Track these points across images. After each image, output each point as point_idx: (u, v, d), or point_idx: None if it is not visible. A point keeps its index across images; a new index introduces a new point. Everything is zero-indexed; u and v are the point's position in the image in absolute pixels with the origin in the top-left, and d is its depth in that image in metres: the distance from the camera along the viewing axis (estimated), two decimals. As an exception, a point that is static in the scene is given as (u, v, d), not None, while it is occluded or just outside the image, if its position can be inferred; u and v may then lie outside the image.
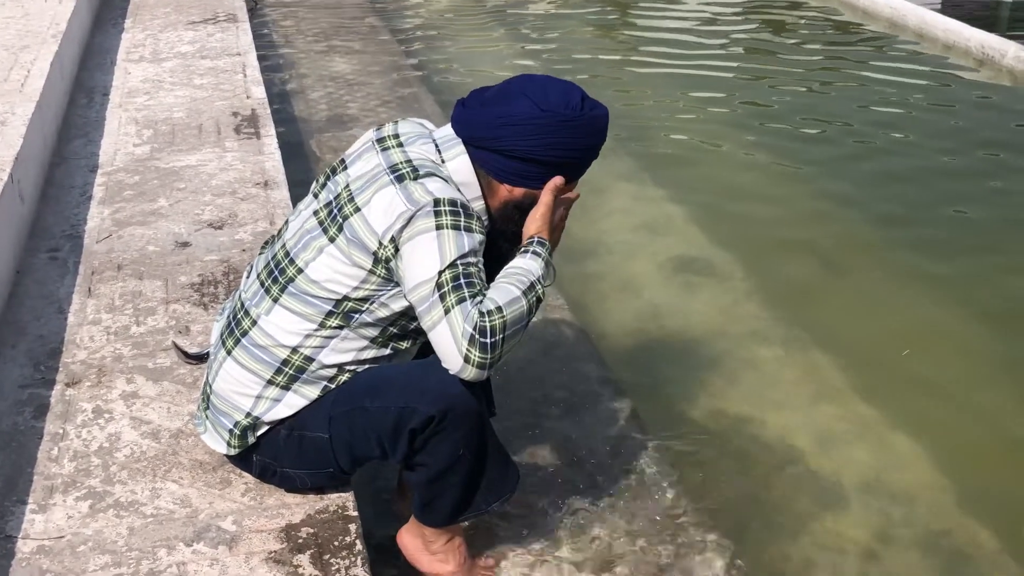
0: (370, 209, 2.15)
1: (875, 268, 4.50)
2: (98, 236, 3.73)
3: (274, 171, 4.35)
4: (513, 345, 2.12)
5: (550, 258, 2.25)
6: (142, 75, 5.65)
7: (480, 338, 2.05)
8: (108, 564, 2.24)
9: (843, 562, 2.82)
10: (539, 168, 2.23)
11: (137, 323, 3.17)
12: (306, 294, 2.23)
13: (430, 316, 2.09)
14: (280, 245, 2.33)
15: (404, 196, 2.13)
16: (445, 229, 2.10)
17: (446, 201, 2.12)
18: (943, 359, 3.82)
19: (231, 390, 2.32)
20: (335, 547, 2.31)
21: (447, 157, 2.24)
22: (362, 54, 7.39)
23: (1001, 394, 3.62)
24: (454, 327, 2.06)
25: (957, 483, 3.14)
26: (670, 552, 2.72)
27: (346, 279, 2.19)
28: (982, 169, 5.65)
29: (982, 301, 4.22)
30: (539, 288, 2.17)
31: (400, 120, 2.39)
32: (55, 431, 2.68)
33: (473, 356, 2.06)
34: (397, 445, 2.21)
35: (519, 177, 2.24)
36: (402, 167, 2.19)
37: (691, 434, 3.32)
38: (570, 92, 2.23)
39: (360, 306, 2.22)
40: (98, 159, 4.45)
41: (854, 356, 3.78)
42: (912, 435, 3.34)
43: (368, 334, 2.26)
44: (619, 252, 4.49)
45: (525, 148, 2.19)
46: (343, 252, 2.18)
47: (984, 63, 7.52)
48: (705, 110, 6.60)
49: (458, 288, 2.08)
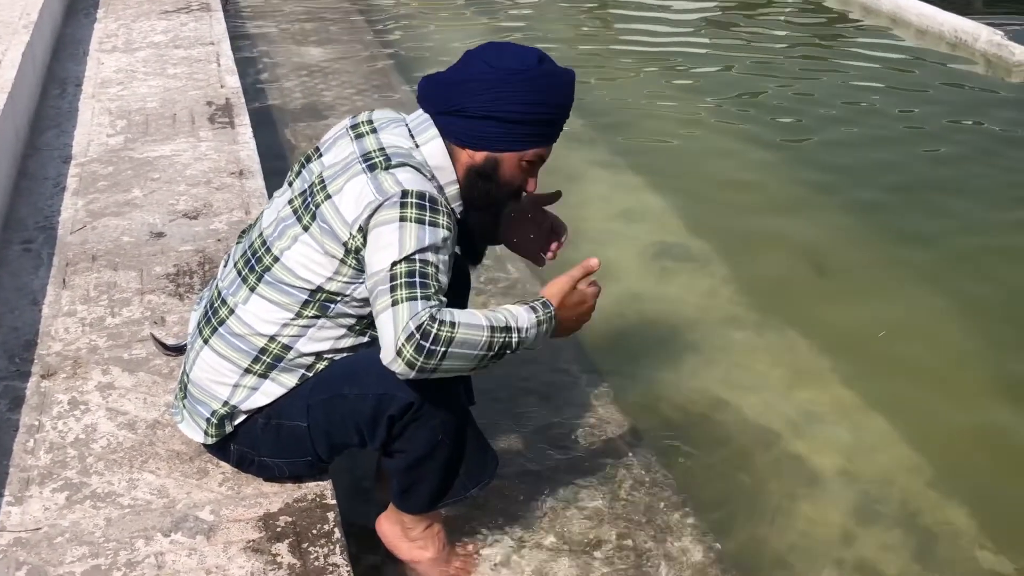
0: (342, 198, 2.15)
1: (851, 252, 4.53)
2: (72, 227, 3.71)
3: (249, 160, 4.33)
4: (456, 369, 2.04)
5: (549, 325, 2.16)
6: (115, 65, 5.61)
7: (420, 340, 1.97)
8: (86, 555, 2.23)
9: (820, 543, 2.84)
10: (498, 127, 2.18)
11: (112, 314, 3.16)
12: (282, 283, 2.22)
13: (378, 304, 2.04)
14: (257, 234, 2.32)
15: (374, 186, 2.11)
16: (408, 222, 2.07)
17: (414, 193, 2.10)
18: (918, 341, 3.85)
19: (208, 379, 2.31)
20: (313, 535, 2.31)
21: (420, 141, 2.24)
22: (337, 42, 7.36)
23: (975, 375, 3.66)
24: (397, 320, 1.99)
25: (932, 464, 3.17)
26: (649, 536, 2.73)
27: (320, 268, 2.19)
28: (957, 153, 5.69)
29: (958, 284, 4.25)
30: (514, 336, 2.08)
31: (376, 109, 2.38)
32: (31, 423, 2.67)
33: (406, 353, 1.97)
34: (375, 432, 2.21)
35: (478, 138, 2.21)
36: (375, 155, 2.17)
37: (669, 419, 3.33)
38: (526, 51, 2.21)
39: (335, 296, 2.21)
40: (71, 150, 4.42)
41: (830, 340, 3.80)
42: (887, 417, 3.37)
43: (345, 323, 2.26)
44: (597, 239, 4.49)
45: (479, 105, 2.17)
46: (316, 241, 2.18)
47: (957, 47, 7.56)
48: (682, 97, 6.60)
49: (411, 285, 2.02)
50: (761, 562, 2.78)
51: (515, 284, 3.88)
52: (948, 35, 7.70)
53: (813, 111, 6.35)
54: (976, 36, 7.45)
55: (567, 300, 2.21)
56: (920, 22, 8.00)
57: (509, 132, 2.20)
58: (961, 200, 5.08)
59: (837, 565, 2.76)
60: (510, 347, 2.09)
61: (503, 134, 2.20)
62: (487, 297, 3.80)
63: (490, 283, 3.91)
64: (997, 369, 3.68)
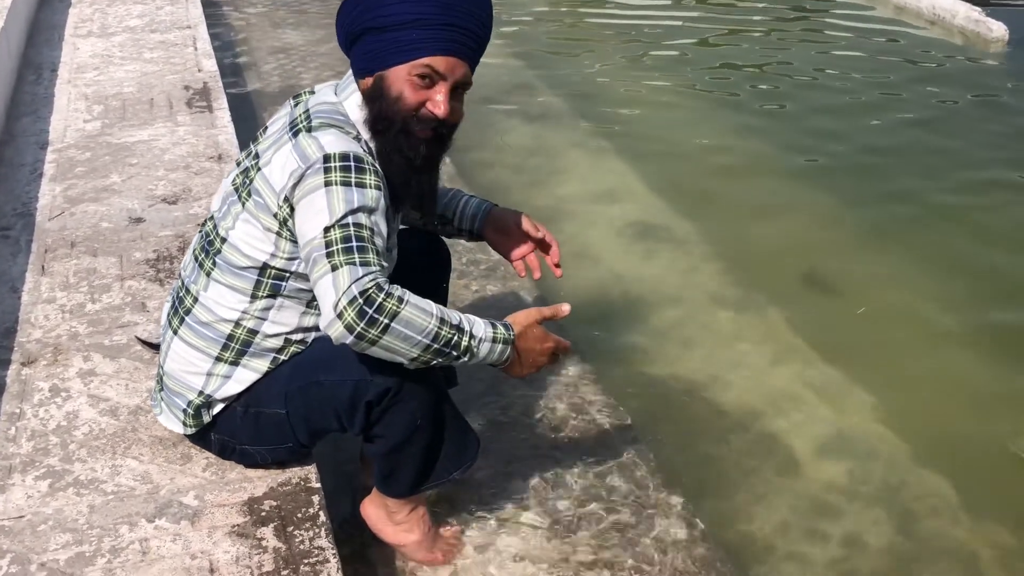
0: (271, 169, 2.10)
1: (831, 229, 4.54)
2: (50, 214, 3.68)
3: (227, 144, 4.30)
4: (396, 351, 1.96)
5: (504, 348, 2.09)
6: (91, 50, 5.56)
7: (364, 305, 1.90)
8: (70, 542, 2.22)
9: (804, 519, 2.85)
10: (374, 39, 2.09)
11: (92, 300, 3.14)
12: (232, 265, 2.20)
13: (316, 270, 1.96)
14: (210, 217, 2.30)
15: (298, 153, 2.06)
16: (334, 185, 1.99)
17: (337, 156, 2.02)
18: (898, 316, 3.87)
19: (181, 370, 2.30)
20: (298, 519, 2.31)
21: (343, 97, 2.18)
22: (314, 25, 7.32)
23: (955, 349, 3.68)
24: (338, 283, 1.92)
25: (914, 439, 3.18)
26: (632, 515, 2.74)
27: (261, 245, 2.15)
28: (936, 131, 5.71)
29: (938, 258, 4.28)
30: (464, 339, 2.01)
31: None
32: (12, 411, 2.65)
33: (347, 316, 1.90)
34: (354, 418, 2.20)
35: (364, 60, 2.12)
36: (299, 121, 2.13)
37: (652, 398, 3.34)
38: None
39: (283, 273, 2.18)
40: (48, 136, 4.38)
41: (811, 317, 3.82)
42: (870, 393, 3.39)
43: (303, 299, 2.23)
44: (578, 219, 4.49)
45: (353, 21, 2.11)
46: (253, 216, 2.14)
47: (935, 23, 7.58)
48: (661, 75, 6.60)
49: (349, 250, 1.95)
50: (746, 540, 2.79)
51: (496, 267, 3.87)
52: (926, 12, 7.72)
53: (792, 88, 6.36)
54: (954, 13, 7.46)
55: (529, 332, 2.14)
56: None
57: (387, 42, 2.07)
58: (940, 176, 5.10)
59: (822, 541, 2.78)
60: (457, 348, 2.01)
61: (381, 46, 2.08)
62: (469, 280, 3.79)
63: (472, 264, 3.90)
64: (979, 345, 3.70)
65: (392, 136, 2.12)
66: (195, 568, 2.16)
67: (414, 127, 2.12)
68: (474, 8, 2.11)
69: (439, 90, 2.10)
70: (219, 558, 2.19)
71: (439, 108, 2.10)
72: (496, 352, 2.08)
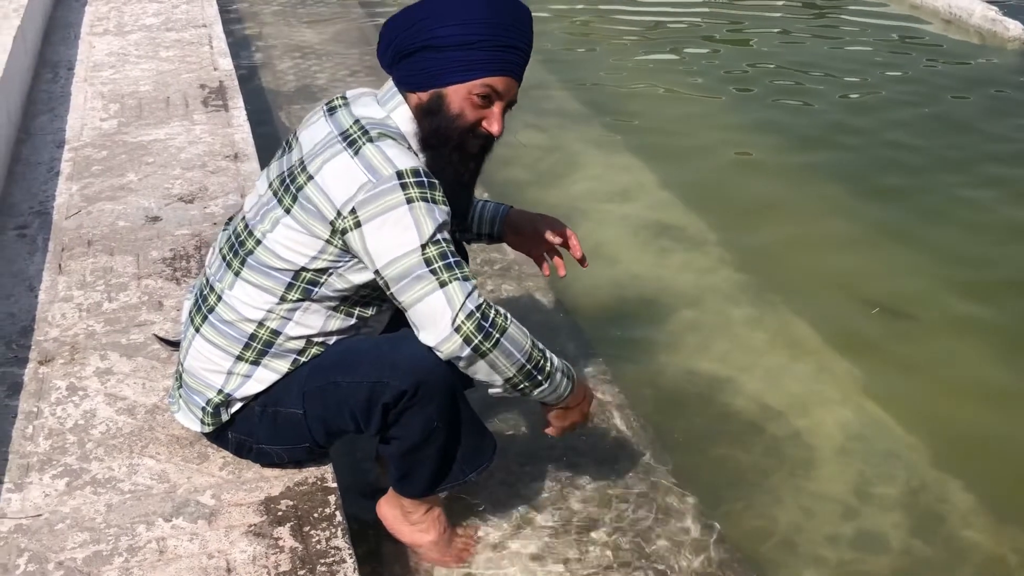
0: (324, 177, 2.10)
1: (847, 228, 4.53)
2: (67, 212, 3.69)
3: (243, 143, 4.31)
4: (498, 367, 2.08)
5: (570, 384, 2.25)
6: (107, 48, 5.57)
7: (481, 319, 2.01)
8: (87, 541, 2.23)
9: (819, 520, 2.85)
10: (433, 56, 2.11)
11: (109, 299, 3.15)
12: (265, 266, 2.20)
13: (415, 289, 2.03)
14: (240, 218, 2.30)
15: (363, 165, 2.07)
16: (416, 202, 2.04)
17: (409, 172, 2.05)
18: (916, 315, 3.85)
19: (201, 368, 2.30)
20: (315, 519, 2.31)
21: (388, 109, 2.18)
22: (330, 24, 7.32)
23: (975, 348, 3.66)
24: (452, 298, 2.01)
25: (932, 441, 3.17)
26: (648, 515, 2.73)
27: (304, 248, 2.16)
28: (952, 128, 5.69)
29: (956, 255, 4.26)
30: (547, 364, 2.16)
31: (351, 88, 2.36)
32: (29, 409, 2.66)
33: (466, 329, 2.01)
34: (371, 419, 2.20)
35: (420, 75, 2.13)
36: (352, 131, 2.13)
37: (668, 398, 3.33)
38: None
39: (318, 277, 2.19)
40: (65, 134, 4.40)
41: (828, 317, 3.81)
42: (887, 394, 3.37)
43: (331, 305, 2.24)
44: (593, 219, 4.49)
45: (412, 37, 2.12)
46: (299, 222, 2.14)
47: (952, 23, 7.55)
48: (677, 73, 6.59)
49: (450, 267, 2.03)
50: (762, 540, 2.78)
51: (511, 266, 3.86)
52: (942, 10, 7.68)
53: (808, 86, 6.34)
54: (971, 12, 7.43)
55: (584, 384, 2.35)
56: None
57: (447, 60, 2.10)
58: (955, 175, 5.08)
59: (839, 543, 2.77)
60: (542, 372, 2.14)
61: (441, 64, 2.11)
62: (484, 279, 3.79)
63: (486, 264, 3.90)
64: (1000, 344, 3.68)
65: (446, 152, 2.16)
66: (212, 567, 2.17)
67: (468, 143, 2.16)
68: (526, 29, 2.17)
69: (496, 109, 2.16)
70: (236, 558, 2.19)
71: (495, 126, 2.16)
72: (563, 386, 2.22)
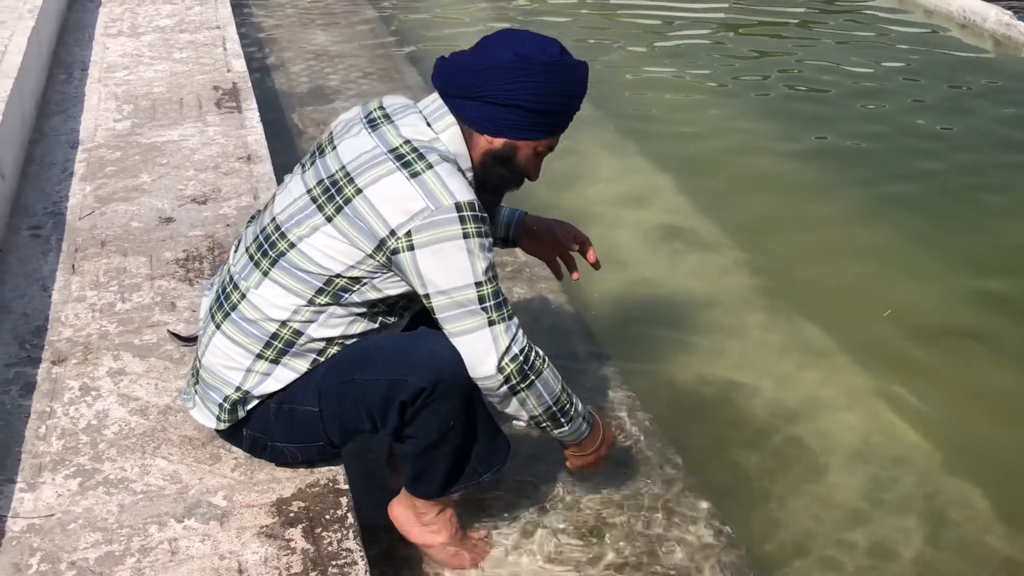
0: (376, 194, 2.11)
1: (862, 233, 4.52)
2: (80, 213, 3.70)
3: (257, 145, 4.31)
4: (528, 405, 2.22)
5: (589, 428, 2.40)
6: (121, 50, 5.59)
7: (523, 363, 2.15)
8: (99, 541, 2.23)
9: (832, 525, 2.84)
10: (519, 115, 2.19)
11: (122, 300, 3.15)
12: (298, 269, 2.21)
13: (464, 322, 2.12)
14: (270, 219, 2.29)
15: (422, 191, 2.09)
16: (472, 238, 2.10)
17: (467, 205, 2.10)
18: (929, 319, 3.84)
19: (221, 364, 2.30)
20: (327, 520, 2.31)
21: (438, 129, 2.22)
22: (342, 26, 7.33)
23: (988, 353, 3.64)
24: (498, 340, 2.12)
25: (946, 446, 3.16)
26: (659, 519, 2.73)
27: (342, 257, 2.17)
28: (964, 131, 5.67)
29: (969, 260, 4.25)
30: (572, 408, 2.31)
31: (385, 95, 2.36)
32: (42, 409, 2.66)
33: (508, 370, 2.13)
34: (387, 418, 2.20)
35: (499, 125, 2.20)
36: (404, 150, 2.14)
37: (680, 403, 3.33)
38: (548, 42, 2.21)
39: (351, 285, 2.20)
40: (79, 135, 4.41)
41: (839, 321, 3.79)
42: (898, 398, 3.36)
43: (357, 311, 2.25)
44: (605, 222, 4.48)
45: (504, 93, 2.16)
46: (342, 233, 2.15)
47: (966, 27, 7.52)
48: (692, 77, 6.58)
49: (499, 306, 2.14)
50: (774, 545, 2.77)
51: (522, 268, 3.85)
52: (956, 15, 7.66)
53: (823, 92, 6.33)
54: (985, 16, 7.41)
55: (603, 427, 2.46)
56: (928, 2, 7.96)
57: (529, 120, 2.20)
58: (966, 177, 5.07)
59: (850, 547, 2.76)
60: (566, 416, 2.30)
61: (523, 122, 2.20)
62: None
63: (498, 267, 3.88)
64: (1014, 351, 3.66)
65: (493, 190, 2.31)
66: (224, 569, 2.17)
67: (511, 187, 2.35)
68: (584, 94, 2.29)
69: (541, 161, 2.33)
70: (248, 559, 2.19)
71: (536, 176, 2.34)
72: (582, 430, 2.38)
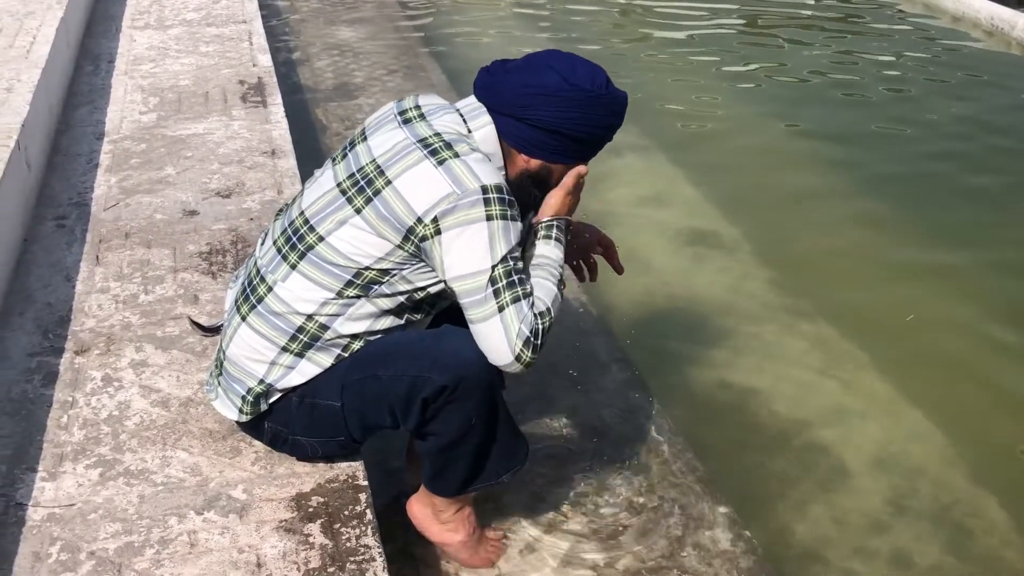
0: (404, 184, 2.12)
1: (885, 239, 4.49)
2: (105, 204, 3.71)
3: (281, 140, 4.32)
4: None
5: (561, 240, 2.31)
6: (147, 42, 5.61)
7: (533, 340, 2.12)
8: (119, 532, 2.24)
9: (851, 533, 2.83)
10: (560, 141, 2.21)
11: (145, 291, 3.16)
12: (326, 262, 2.21)
13: (480, 310, 2.11)
14: (298, 212, 2.29)
15: (449, 176, 2.10)
16: (495, 220, 2.10)
17: (493, 188, 2.10)
18: (950, 326, 3.82)
19: (245, 356, 2.31)
20: (345, 516, 2.31)
21: (473, 127, 2.22)
22: (367, 22, 7.34)
23: (1010, 362, 3.62)
24: (508, 326, 2.10)
25: (966, 455, 3.14)
26: (678, 523, 2.72)
27: (370, 249, 2.17)
28: (988, 141, 5.64)
29: (992, 267, 4.23)
30: (563, 273, 2.26)
31: (420, 94, 2.37)
32: (64, 399, 2.68)
33: (525, 356, 2.11)
34: (409, 414, 2.21)
35: (538, 148, 2.23)
36: (432, 140, 2.16)
37: (700, 406, 3.32)
38: (596, 71, 2.23)
39: (380, 278, 2.20)
40: (104, 127, 4.43)
41: (862, 327, 3.78)
42: (920, 407, 3.35)
43: (384, 305, 2.25)
44: (626, 224, 4.47)
45: (551, 120, 2.18)
46: (370, 224, 2.16)
47: (993, 35, 7.48)
48: (713, 80, 6.56)
49: (512, 285, 2.12)
50: (792, 552, 2.76)
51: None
52: (984, 22, 7.62)
53: (845, 97, 6.30)
54: (1013, 24, 7.36)
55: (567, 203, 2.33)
56: (956, 8, 7.92)
57: (567, 146, 2.23)
58: (990, 185, 5.05)
59: (869, 556, 2.75)
60: (561, 282, 2.26)
61: (562, 147, 2.23)
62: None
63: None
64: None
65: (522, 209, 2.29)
66: (242, 562, 2.17)
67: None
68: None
69: None
70: (266, 553, 2.20)
71: None
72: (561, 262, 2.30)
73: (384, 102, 5.52)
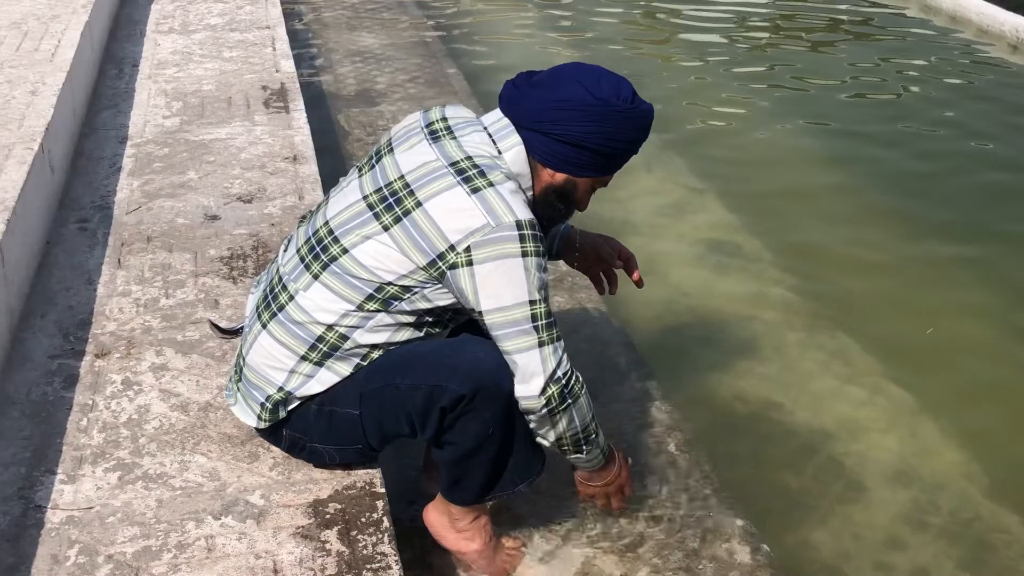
0: (436, 208, 2.12)
1: (906, 252, 4.47)
2: (128, 208, 3.73)
3: (303, 146, 4.34)
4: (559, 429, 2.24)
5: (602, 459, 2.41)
6: (171, 47, 5.64)
7: (564, 386, 2.16)
8: (137, 536, 2.25)
9: (869, 548, 2.81)
10: (586, 155, 2.21)
11: (167, 296, 3.18)
12: (349, 275, 2.21)
13: (516, 340, 2.13)
14: (323, 222, 2.29)
15: (484, 207, 2.09)
16: (531, 257, 2.11)
17: (527, 224, 2.11)
18: (971, 339, 3.80)
19: (265, 364, 2.31)
20: (362, 523, 2.31)
21: (503, 148, 2.22)
22: (390, 29, 7.36)
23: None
24: (547, 362, 2.14)
25: (986, 470, 3.12)
26: (695, 536, 2.71)
27: (395, 266, 2.17)
28: (1011, 152, 5.61)
29: (1014, 279, 4.19)
30: (597, 437, 2.33)
31: (445, 105, 2.36)
32: (84, 402, 2.69)
33: (550, 392, 2.15)
34: (427, 423, 2.21)
35: (563, 162, 2.22)
36: (464, 165, 2.15)
37: (718, 418, 3.31)
38: (622, 84, 2.23)
39: (402, 294, 2.20)
40: (127, 131, 4.45)
41: (882, 340, 3.76)
42: (940, 420, 3.33)
43: (404, 319, 2.24)
44: (646, 233, 4.47)
45: (577, 134, 2.18)
46: (396, 243, 2.15)
47: (1018, 48, 7.44)
48: (735, 90, 6.55)
49: (550, 326, 2.15)
50: (810, 566, 2.75)
51: (563, 278, 3.84)
52: (1009, 35, 7.57)
53: (868, 108, 6.28)
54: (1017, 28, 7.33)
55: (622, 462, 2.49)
56: (980, 21, 7.87)
57: (592, 160, 2.24)
58: (1013, 197, 5.01)
59: (887, 572, 2.73)
60: (590, 443, 2.31)
61: (588, 162, 2.24)
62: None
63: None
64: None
65: (547, 223, 2.33)
66: (259, 568, 2.18)
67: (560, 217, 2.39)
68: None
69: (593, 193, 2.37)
70: (283, 559, 2.20)
71: (586, 207, 2.37)
72: (596, 460, 2.39)
73: (406, 109, 5.55)
